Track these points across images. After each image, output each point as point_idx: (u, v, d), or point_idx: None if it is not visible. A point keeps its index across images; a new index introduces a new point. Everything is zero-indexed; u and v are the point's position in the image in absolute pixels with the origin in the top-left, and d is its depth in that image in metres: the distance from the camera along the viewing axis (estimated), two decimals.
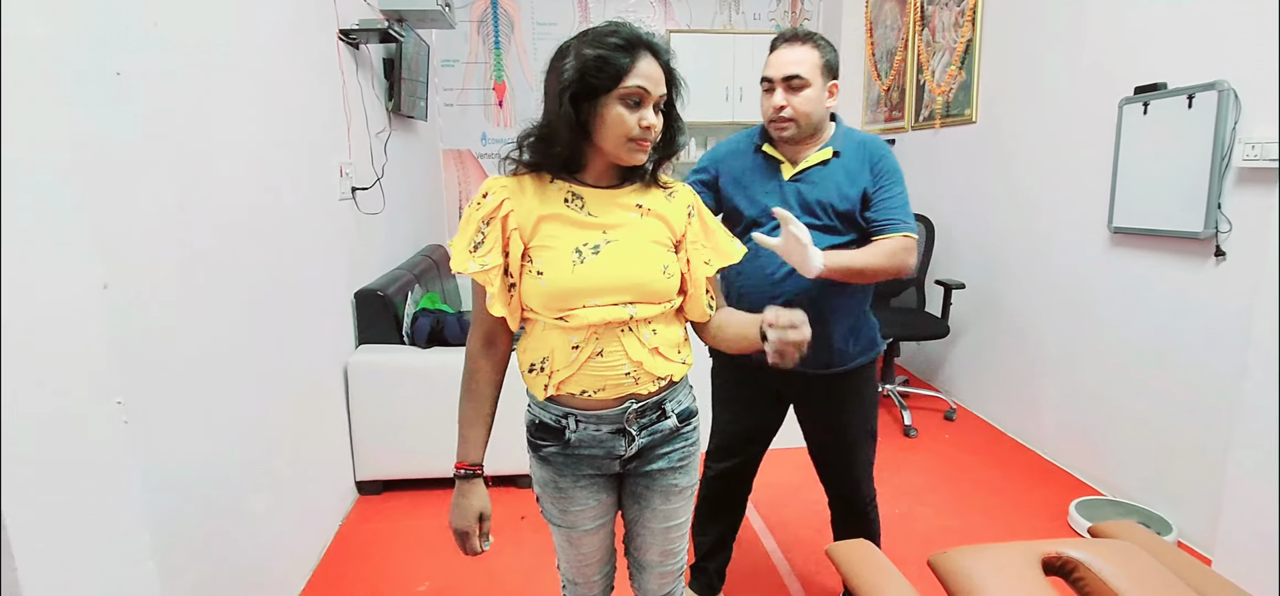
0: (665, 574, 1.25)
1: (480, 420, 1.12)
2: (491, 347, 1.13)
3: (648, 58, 1.01)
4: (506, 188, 1.07)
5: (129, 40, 1.33)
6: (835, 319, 1.57)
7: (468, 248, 1.05)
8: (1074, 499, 2.49)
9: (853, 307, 1.61)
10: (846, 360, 1.62)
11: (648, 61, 1.01)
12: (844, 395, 1.67)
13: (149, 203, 1.37)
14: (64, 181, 0.93)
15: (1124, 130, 2.40)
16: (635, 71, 1.00)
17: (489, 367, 1.13)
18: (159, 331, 1.39)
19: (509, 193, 1.06)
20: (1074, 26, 2.67)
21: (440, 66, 4.44)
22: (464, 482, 1.12)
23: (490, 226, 1.05)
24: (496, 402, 1.15)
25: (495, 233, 1.04)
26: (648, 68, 1.01)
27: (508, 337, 1.14)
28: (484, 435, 1.13)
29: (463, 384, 1.13)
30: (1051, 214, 2.86)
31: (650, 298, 1.06)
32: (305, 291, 2.14)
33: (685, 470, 1.19)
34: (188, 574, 1.46)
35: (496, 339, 1.13)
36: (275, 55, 1.98)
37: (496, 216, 1.04)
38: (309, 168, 2.19)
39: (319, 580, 2.10)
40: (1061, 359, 2.83)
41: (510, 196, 1.06)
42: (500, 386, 1.15)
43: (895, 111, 4.10)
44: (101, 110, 1.25)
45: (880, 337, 1.72)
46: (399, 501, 2.56)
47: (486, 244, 1.04)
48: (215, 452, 1.60)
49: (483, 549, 1.14)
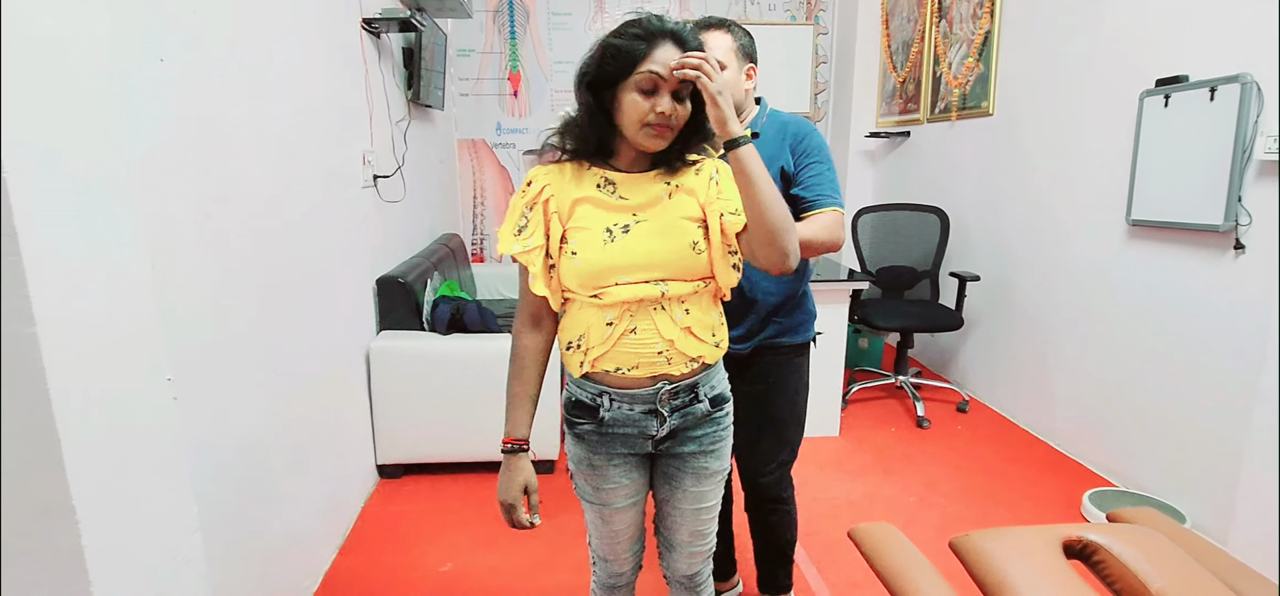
0: (694, 554, 1.28)
1: (526, 398, 1.16)
2: (536, 328, 1.17)
3: (666, 45, 1.03)
4: (548, 175, 1.12)
5: (172, 26, 1.36)
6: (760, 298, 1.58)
7: (512, 232, 1.11)
8: (1087, 489, 2.51)
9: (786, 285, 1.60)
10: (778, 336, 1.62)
11: (666, 49, 1.03)
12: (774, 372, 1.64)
13: (188, 187, 1.41)
14: (118, 165, 0.97)
15: (1144, 123, 2.40)
16: (650, 58, 1.02)
17: (534, 347, 1.16)
18: (192, 314, 1.43)
19: (550, 179, 1.11)
20: (1094, 18, 2.66)
21: (456, 56, 4.46)
22: (510, 458, 1.15)
23: (533, 211, 1.10)
24: (541, 382, 1.18)
25: (537, 216, 1.10)
26: (665, 55, 1.02)
27: (552, 319, 1.17)
28: (530, 412, 1.17)
29: (510, 363, 1.17)
30: (1068, 206, 2.86)
31: (681, 274, 1.09)
32: (330, 277, 2.18)
33: (717, 454, 1.21)
34: (223, 549, 1.50)
35: (541, 319, 1.16)
36: (304, 42, 2.02)
37: (538, 201, 1.10)
38: (334, 155, 2.23)
39: (344, 558, 2.15)
40: (1076, 351, 2.84)
41: (551, 182, 1.11)
42: (545, 366, 1.18)
43: (911, 103, 4.09)
44: (147, 96, 1.28)
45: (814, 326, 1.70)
46: (419, 484, 2.60)
47: (529, 228, 1.10)
48: (245, 432, 1.64)
49: (532, 522, 1.16)
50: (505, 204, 4.80)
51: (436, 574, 2.08)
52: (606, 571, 1.30)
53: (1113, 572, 1.09)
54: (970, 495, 2.58)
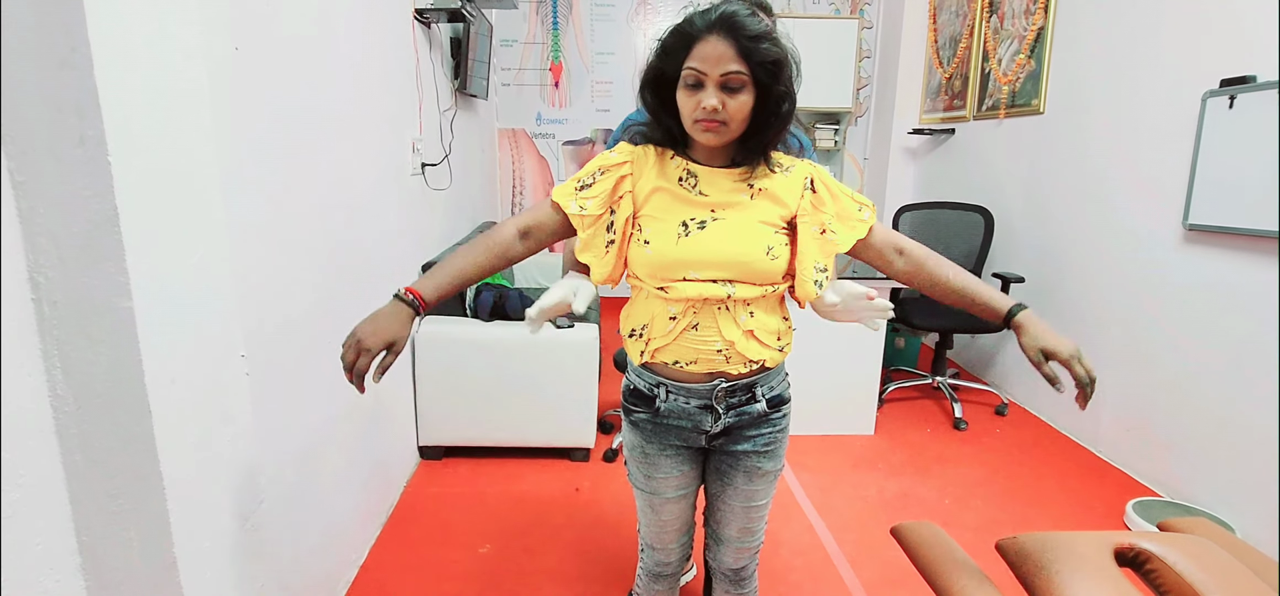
0: (742, 549, 1.29)
1: (456, 271, 1.09)
2: (521, 238, 1.12)
3: (711, 39, 0.99)
4: (634, 153, 1.11)
5: (246, 15, 1.40)
6: None
7: (576, 185, 1.10)
8: (1131, 499, 2.46)
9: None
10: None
11: (709, 43, 0.99)
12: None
13: (260, 175, 1.46)
14: (208, 151, 1.02)
15: (1206, 124, 2.33)
16: (692, 54, 1.00)
17: (503, 245, 1.10)
18: (259, 298, 1.48)
19: (634, 157, 1.11)
20: (1156, 16, 2.58)
21: (499, 46, 4.51)
22: (398, 303, 1.05)
23: (605, 176, 1.09)
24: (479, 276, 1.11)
25: (607, 184, 1.09)
26: (707, 49, 0.99)
27: (534, 246, 1.13)
28: (447, 284, 1.09)
29: (475, 240, 1.12)
30: (1121, 209, 2.79)
31: (751, 277, 1.07)
32: (381, 263, 2.24)
33: (771, 455, 1.21)
34: (281, 521, 1.57)
35: (530, 235, 1.12)
36: (363, 32, 2.07)
37: (614, 170, 1.09)
38: (388, 143, 2.29)
39: (388, 536, 2.22)
40: (1123, 356, 2.77)
41: (633, 161, 1.11)
42: (495, 269, 1.12)
43: (956, 100, 4.01)
44: (226, 85, 1.33)
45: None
46: (459, 467, 2.66)
47: (594, 189, 1.09)
48: (300, 410, 1.70)
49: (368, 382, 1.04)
50: (544, 193, 4.86)
51: (475, 555, 2.13)
52: (653, 559, 1.32)
53: (1167, 582, 1.08)
54: (1008, 499, 2.55)
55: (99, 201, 0.84)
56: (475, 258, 1.10)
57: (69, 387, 0.90)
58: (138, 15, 0.88)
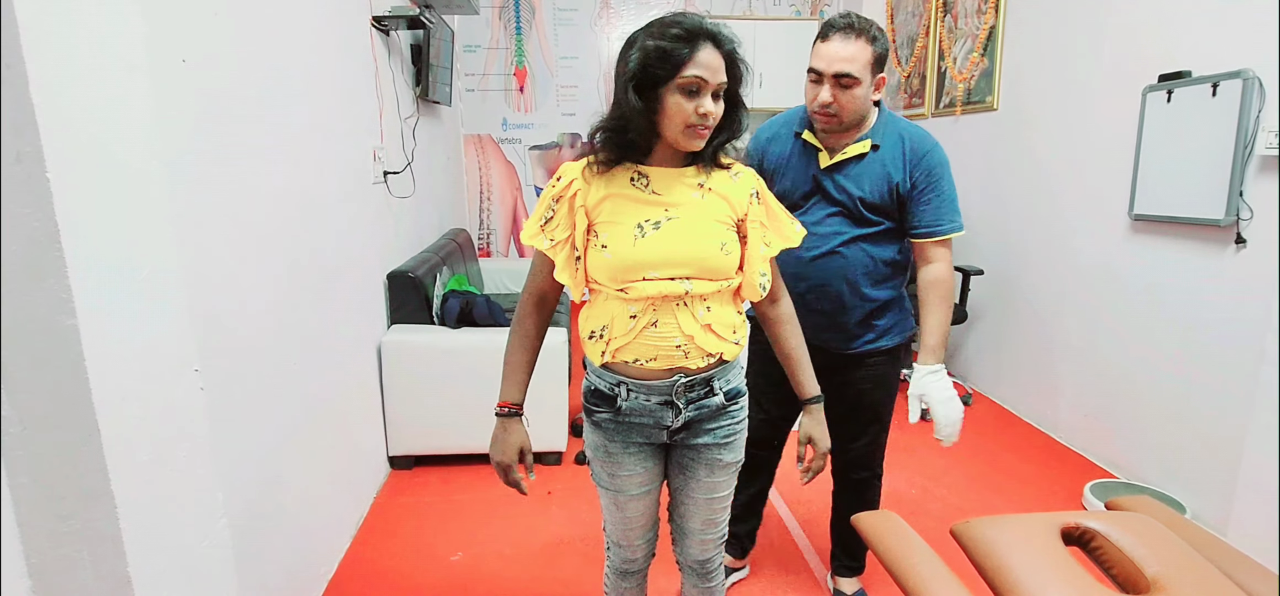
0: (706, 541, 1.32)
1: (524, 366, 1.23)
2: (540, 308, 1.24)
3: (707, 47, 1.04)
4: (577, 171, 1.15)
5: (192, 27, 1.39)
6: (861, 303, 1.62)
7: (538, 224, 1.15)
8: (1088, 481, 2.54)
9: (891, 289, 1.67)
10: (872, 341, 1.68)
11: (707, 51, 1.04)
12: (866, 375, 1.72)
13: (211, 186, 1.44)
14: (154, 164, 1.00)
15: (1147, 118, 2.43)
16: (694, 61, 1.04)
17: (536, 323, 1.24)
18: (214, 310, 1.46)
19: (578, 175, 1.14)
20: (1098, 14, 2.68)
21: (462, 52, 4.49)
22: (506, 420, 1.21)
23: (560, 204, 1.14)
24: (537, 353, 1.25)
25: (564, 210, 1.14)
26: (706, 57, 1.04)
27: (555, 300, 1.24)
28: (525, 379, 1.24)
29: (511, 333, 1.24)
30: (1072, 201, 2.88)
31: (707, 274, 1.12)
32: (343, 273, 2.21)
33: (730, 447, 1.25)
34: (244, 536, 1.55)
35: (546, 300, 1.23)
36: (318, 41, 2.05)
37: (566, 195, 1.13)
38: (346, 152, 2.26)
39: (358, 547, 2.19)
40: (1079, 344, 2.87)
41: (578, 178, 1.14)
42: (542, 340, 1.26)
43: (915, 98, 4.11)
44: (172, 96, 1.31)
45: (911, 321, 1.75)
46: (430, 476, 2.64)
47: (555, 221, 1.14)
48: (264, 424, 1.68)
49: (527, 479, 1.23)
50: (511, 199, 4.84)
51: (447, 563, 2.12)
52: (620, 556, 1.34)
53: (1110, 558, 1.12)
54: (973, 486, 2.61)
55: (39, 218, 0.83)
56: (527, 341, 1.24)
57: (13, 409, 0.88)
58: (76, 30, 0.87)
